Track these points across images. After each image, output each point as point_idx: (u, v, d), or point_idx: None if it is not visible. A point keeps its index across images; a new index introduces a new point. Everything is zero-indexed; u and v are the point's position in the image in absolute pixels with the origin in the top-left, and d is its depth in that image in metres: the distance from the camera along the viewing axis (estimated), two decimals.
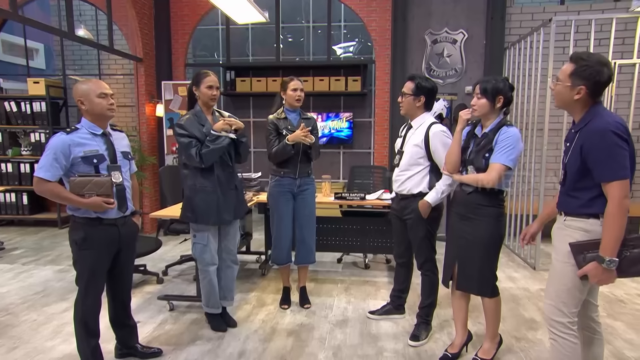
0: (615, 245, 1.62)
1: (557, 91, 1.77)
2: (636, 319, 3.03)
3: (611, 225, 1.63)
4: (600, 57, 1.69)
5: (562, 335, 1.78)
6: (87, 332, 2.18)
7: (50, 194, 2.02)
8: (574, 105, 1.75)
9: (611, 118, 1.67)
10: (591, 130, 1.67)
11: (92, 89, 2.08)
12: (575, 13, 5.04)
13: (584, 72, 1.67)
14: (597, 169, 1.65)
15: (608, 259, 1.62)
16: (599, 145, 1.63)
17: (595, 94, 1.71)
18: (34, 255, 4.54)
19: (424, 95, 2.52)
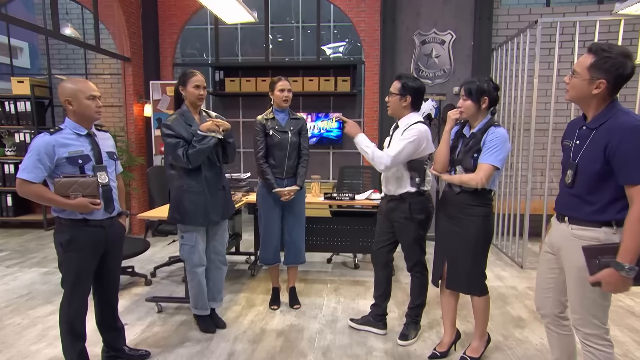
0: (637, 252, 1.51)
1: (572, 84, 1.63)
2: (620, 316, 3.08)
3: (635, 230, 1.51)
4: (623, 48, 1.55)
5: (598, 347, 1.69)
6: (73, 336, 2.15)
7: (34, 196, 1.98)
8: (590, 100, 1.61)
9: (638, 117, 1.56)
10: (621, 127, 1.53)
11: (82, 91, 2.05)
12: (560, 15, 5.11)
13: (605, 64, 1.53)
14: (626, 170, 1.52)
15: (628, 267, 1.50)
16: (630, 144, 1.50)
17: (616, 89, 1.57)
18: (18, 257, 4.45)
19: (410, 95, 2.48)
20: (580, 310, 1.71)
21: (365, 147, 2.42)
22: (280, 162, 3.00)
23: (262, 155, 2.98)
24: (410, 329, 2.69)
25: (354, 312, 3.09)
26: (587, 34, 4.70)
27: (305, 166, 3.09)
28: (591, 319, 1.69)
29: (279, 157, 2.99)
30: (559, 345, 1.93)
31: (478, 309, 2.37)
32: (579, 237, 1.66)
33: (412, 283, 2.69)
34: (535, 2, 6.19)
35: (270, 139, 2.96)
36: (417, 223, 2.51)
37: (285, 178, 3.02)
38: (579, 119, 1.76)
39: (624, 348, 2.61)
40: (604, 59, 1.53)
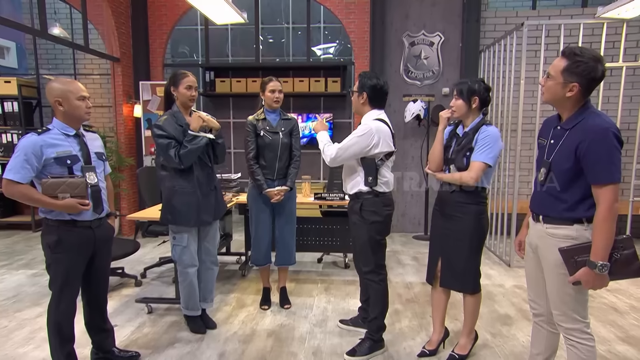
0: (606, 249, 1.57)
1: (547, 87, 1.68)
2: (603, 312, 3.14)
3: (602, 229, 1.57)
4: (594, 52, 1.60)
5: (580, 340, 1.72)
6: (62, 338, 2.12)
7: (21, 197, 1.95)
8: (565, 103, 1.66)
9: (607, 118, 1.61)
10: (591, 129, 1.58)
11: (72, 91, 2.03)
12: (546, 18, 5.18)
13: (577, 68, 1.57)
14: (594, 171, 1.57)
15: (600, 264, 1.56)
16: (600, 145, 1.55)
17: (588, 91, 1.62)
18: (6, 259, 4.38)
19: (366, 92, 2.39)
20: (561, 306, 1.74)
21: (320, 141, 2.51)
22: (271, 163, 2.99)
23: (252, 156, 2.97)
24: (362, 346, 2.47)
25: (344, 311, 3.10)
26: (572, 37, 4.78)
27: (297, 167, 3.08)
28: (572, 313, 1.72)
29: (269, 158, 2.98)
30: (546, 343, 1.95)
31: (469, 306, 2.38)
32: (553, 236, 1.71)
33: (369, 292, 2.51)
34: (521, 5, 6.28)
35: (261, 139, 2.95)
36: (369, 225, 2.37)
37: (276, 179, 3.01)
38: (554, 117, 1.79)
39: (607, 344, 2.66)
40: (576, 63, 1.58)
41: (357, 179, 2.40)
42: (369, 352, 2.47)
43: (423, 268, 4.10)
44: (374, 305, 2.49)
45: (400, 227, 5.62)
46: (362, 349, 2.48)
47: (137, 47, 5.48)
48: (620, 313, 3.12)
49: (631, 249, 1.62)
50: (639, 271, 1.64)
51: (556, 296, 1.75)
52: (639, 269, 1.63)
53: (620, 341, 2.70)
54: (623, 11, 3.21)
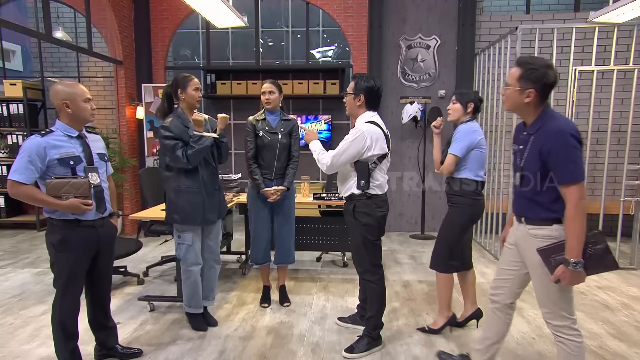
0: (578, 246, 1.60)
1: (507, 95, 1.76)
2: (595, 309, 3.14)
3: (572, 227, 1.61)
4: (545, 60, 1.70)
5: (568, 337, 1.74)
6: (65, 335, 2.12)
7: (25, 197, 1.95)
8: (525, 109, 1.74)
9: (566, 120, 1.69)
10: (550, 132, 1.64)
11: (78, 94, 2.04)
12: (539, 22, 5.20)
13: (531, 75, 1.66)
14: (557, 171, 1.63)
15: (574, 261, 1.60)
16: (560, 147, 1.61)
17: (544, 96, 1.70)
18: (11, 258, 4.38)
19: (362, 93, 2.36)
20: (548, 304, 1.77)
21: (313, 151, 2.46)
22: (269, 163, 2.99)
23: (251, 156, 2.97)
24: (360, 343, 2.48)
25: (342, 309, 3.10)
26: (565, 40, 4.79)
27: (295, 168, 3.08)
28: (559, 311, 1.75)
29: (268, 158, 2.98)
30: (498, 329, 2.03)
31: (438, 285, 2.66)
32: (534, 236, 1.75)
33: (366, 291, 2.53)
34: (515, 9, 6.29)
35: (260, 139, 2.95)
36: (361, 226, 2.37)
37: (274, 179, 3.01)
38: (521, 124, 1.86)
39: (599, 340, 2.67)
40: (529, 70, 1.66)
41: (350, 182, 2.39)
42: (366, 349, 2.47)
43: (420, 267, 4.11)
44: (371, 304, 2.49)
45: (398, 227, 5.62)
46: (360, 346, 2.47)
47: (139, 50, 5.47)
48: (612, 310, 3.13)
49: (603, 244, 1.66)
50: (612, 264, 1.67)
51: (542, 294, 1.78)
52: (613, 262, 1.67)
53: (612, 337, 2.71)
54: (614, 16, 3.22)
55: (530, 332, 2.77)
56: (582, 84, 4.67)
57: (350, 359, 2.43)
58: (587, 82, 4.68)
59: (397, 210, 5.57)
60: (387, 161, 2.43)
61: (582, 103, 4.85)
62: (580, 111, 4.88)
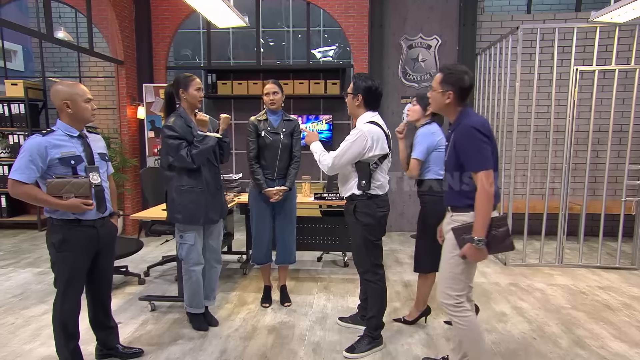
0: (483, 227, 1.80)
1: (432, 98, 1.98)
2: (596, 309, 3.14)
3: (480, 209, 1.81)
4: (462, 66, 1.93)
5: (454, 313, 1.97)
6: (66, 334, 2.12)
7: (26, 197, 1.95)
8: (447, 109, 1.95)
9: (476, 118, 1.89)
10: (461, 128, 1.86)
11: (79, 94, 2.04)
12: (540, 22, 5.19)
13: (449, 78, 1.89)
14: (467, 162, 1.85)
15: (477, 239, 1.80)
16: (467, 141, 1.84)
17: (462, 98, 1.91)
18: (12, 258, 4.38)
19: (361, 93, 2.37)
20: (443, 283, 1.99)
21: (314, 152, 2.48)
22: (271, 163, 2.99)
23: (253, 156, 2.97)
24: (361, 343, 2.48)
25: (343, 309, 3.10)
26: (566, 40, 4.78)
27: (296, 168, 3.08)
28: (448, 290, 1.96)
29: (270, 158, 2.98)
30: None
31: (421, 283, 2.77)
32: (456, 222, 1.94)
33: (367, 291, 2.54)
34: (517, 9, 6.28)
35: (262, 140, 2.95)
36: (362, 226, 2.37)
37: (276, 179, 3.01)
38: None
39: (600, 340, 2.66)
40: (448, 75, 1.90)
41: (351, 182, 2.39)
42: (367, 349, 2.47)
43: None
44: (372, 304, 2.49)
45: (398, 226, 5.62)
46: (360, 346, 2.47)
47: (140, 50, 5.48)
48: (613, 310, 3.12)
49: (505, 227, 1.88)
50: (510, 246, 1.91)
51: (442, 274, 2.01)
52: (511, 244, 1.91)
53: (613, 337, 2.70)
54: (616, 15, 3.21)
55: (531, 332, 2.76)
56: (583, 84, 4.66)
57: (351, 358, 2.43)
58: (589, 82, 4.67)
59: (398, 210, 5.56)
60: (388, 161, 2.44)
61: (584, 103, 4.84)
62: (581, 111, 4.87)
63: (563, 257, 4.19)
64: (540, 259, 4.21)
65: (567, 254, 4.34)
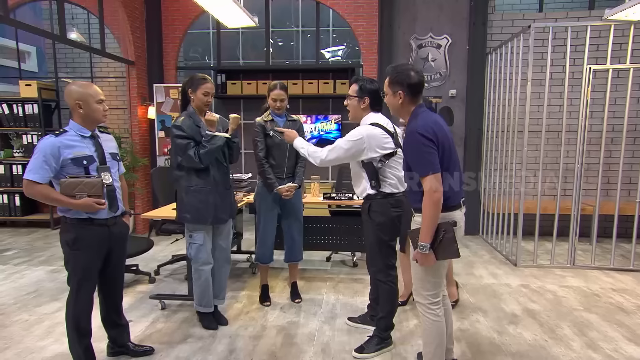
0: (428, 231, 1.80)
1: (387, 101, 1.98)
2: (610, 312, 3.09)
3: (425, 214, 1.80)
4: (408, 65, 1.96)
5: (424, 313, 2.00)
6: (79, 332, 2.15)
7: (40, 196, 1.98)
8: (402, 110, 1.94)
9: (422, 121, 1.85)
10: (407, 133, 1.87)
11: (92, 95, 2.06)
12: (552, 20, 5.12)
13: (396, 78, 1.89)
14: (414, 166, 1.85)
15: (421, 245, 1.82)
16: (411, 146, 1.84)
17: (413, 95, 1.90)
18: (26, 256, 4.45)
19: (368, 96, 2.37)
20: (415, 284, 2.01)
21: (301, 148, 2.48)
22: (281, 162, 3.01)
23: (262, 156, 2.99)
24: (370, 344, 2.47)
25: (352, 309, 3.09)
26: (579, 39, 4.71)
27: (304, 166, 3.10)
28: (421, 290, 1.97)
29: (279, 157, 3.00)
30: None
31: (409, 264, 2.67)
32: (417, 223, 1.93)
33: (378, 291, 2.53)
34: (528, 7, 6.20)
35: (271, 140, 2.97)
36: (375, 225, 2.37)
37: (285, 178, 3.03)
38: None
39: (613, 343, 2.62)
40: (395, 75, 1.91)
41: (364, 183, 2.40)
42: (376, 349, 2.46)
43: None
44: (383, 304, 2.49)
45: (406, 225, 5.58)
46: (370, 347, 2.47)
47: (151, 51, 5.53)
48: (627, 313, 3.07)
49: (451, 233, 1.84)
50: (457, 252, 1.86)
51: (414, 275, 2.01)
52: (456, 250, 1.86)
53: (627, 340, 2.65)
54: (631, 13, 3.15)
55: (543, 334, 2.73)
56: (596, 83, 4.59)
57: (360, 359, 2.42)
58: (602, 81, 4.59)
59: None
60: (399, 157, 2.35)
61: (597, 102, 4.76)
62: (594, 110, 4.79)
63: (575, 259, 4.14)
64: (552, 260, 4.16)
65: (580, 256, 4.28)
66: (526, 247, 4.60)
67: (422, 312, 2.01)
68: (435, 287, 1.96)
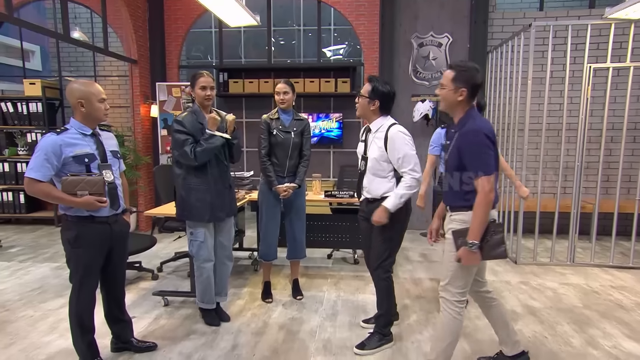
0: (478, 231, 1.82)
1: (442, 95, 1.95)
2: (609, 309, 3.08)
3: (477, 214, 1.82)
4: (474, 64, 1.92)
5: (448, 309, 1.99)
6: (82, 328, 2.15)
7: (41, 194, 1.97)
8: (457, 107, 1.93)
9: (482, 122, 1.89)
10: (468, 131, 1.86)
11: (94, 94, 2.05)
12: (553, 19, 5.09)
13: (462, 76, 1.87)
14: (471, 165, 1.85)
15: (471, 242, 1.82)
16: (474, 145, 1.84)
17: (473, 96, 1.91)
18: (31, 252, 4.47)
19: (378, 99, 2.36)
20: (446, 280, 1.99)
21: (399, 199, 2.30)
22: (282, 160, 3.00)
23: (265, 153, 2.99)
24: (371, 340, 2.48)
25: (353, 305, 3.10)
26: (579, 37, 4.69)
27: (306, 166, 3.09)
28: (450, 287, 1.98)
29: (281, 156, 3.00)
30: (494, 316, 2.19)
31: None
32: (454, 220, 1.97)
33: (376, 288, 2.52)
34: (529, 6, 6.17)
35: (274, 138, 2.96)
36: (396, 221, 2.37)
37: (286, 176, 3.03)
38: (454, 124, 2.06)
39: (613, 340, 2.61)
40: (462, 72, 1.88)
41: (386, 183, 2.39)
42: (377, 345, 2.47)
43: (431, 265, 4.08)
44: (381, 301, 2.50)
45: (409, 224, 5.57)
46: (371, 343, 2.47)
47: (153, 50, 5.52)
48: (627, 310, 3.07)
49: (500, 234, 1.88)
50: (504, 253, 1.90)
51: (444, 270, 2.01)
52: (504, 252, 1.90)
53: (627, 337, 2.65)
54: (631, 12, 3.14)
55: (543, 330, 2.73)
56: (596, 82, 4.57)
57: (361, 355, 2.43)
58: (602, 79, 4.57)
59: None
60: None
61: (597, 101, 4.74)
62: (594, 109, 4.78)
63: (575, 256, 4.13)
64: (552, 258, 4.15)
65: (579, 253, 4.27)
66: (526, 244, 4.59)
67: (445, 307, 2.00)
68: (465, 286, 1.97)
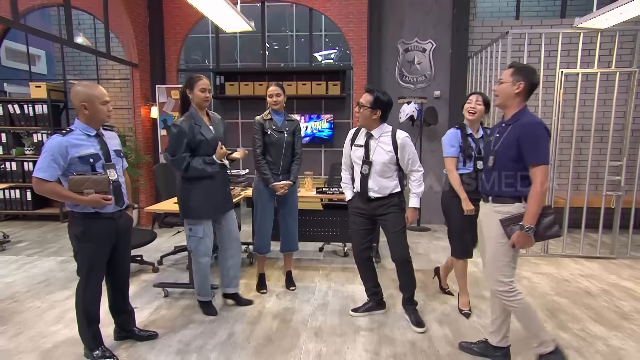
0: (534, 216, 1.87)
1: (500, 90, 1.97)
2: (578, 295, 3.15)
3: (534, 200, 1.85)
4: (531, 66, 1.96)
5: (509, 298, 2.00)
6: (89, 319, 2.15)
7: (49, 193, 1.96)
8: (513, 100, 1.95)
9: (537, 118, 1.92)
10: (527, 123, 1.89)
11: (97, 96, 2.04)
12: (528, 27, 5.15)
13: (522, 71, 1.92)
14: (529, 155, 1.87)
15: (527, 227, 1.86)
16: (533, 135, 1.86)
17: (529, 93, 1.94)
18: (37, 247, 4.42)
19: (380, 108, 2.41)
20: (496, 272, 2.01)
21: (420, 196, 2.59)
22: (277, 159, 3.01)
23: (260, 152, 2.99)
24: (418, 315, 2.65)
25: (343, 295, 3.12)
26: (552, 45, 4.75)
27: (299, 164, 3.10)
28: (502, 278, 1.99)
29: (275, 154, 3.00)
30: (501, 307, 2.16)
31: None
32: (498, 212, 1.98)
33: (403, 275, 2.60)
34: (506, 15, 6.22)
35: (268, 137, 2.96)
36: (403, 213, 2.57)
37: (280, 174, 3.03)
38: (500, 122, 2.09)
39: (581, 323, 2.67)
40: (520, 68, 1.93)
41: (392, 182, 2.52)
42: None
43: (416, 256, 4.11)
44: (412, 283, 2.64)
45: None
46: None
47: (153, 54, 5.47)
48: (593, 296, 3.13)
49: (552, 215, 1.92)
50: (558, 232, 1.94)
51: (491, 265, 2.03)
52: (558, 230, 1.93)
53: (593, 321, 2.71)
54: (598, 22, 3.19)
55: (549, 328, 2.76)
56: (567, 86, 4.63)
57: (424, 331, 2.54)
58: (573, 84, 4.64)
59: None
60: None
61: (568, 104, 4.82)
62: (566, 111, 4.85)
63: (548, 248, 4.20)
64: (527, 250, 4.22)
65: (552, 245, 4.35)
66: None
67: (506, 299, 2.01)
68: (512, 271, 2.00)
